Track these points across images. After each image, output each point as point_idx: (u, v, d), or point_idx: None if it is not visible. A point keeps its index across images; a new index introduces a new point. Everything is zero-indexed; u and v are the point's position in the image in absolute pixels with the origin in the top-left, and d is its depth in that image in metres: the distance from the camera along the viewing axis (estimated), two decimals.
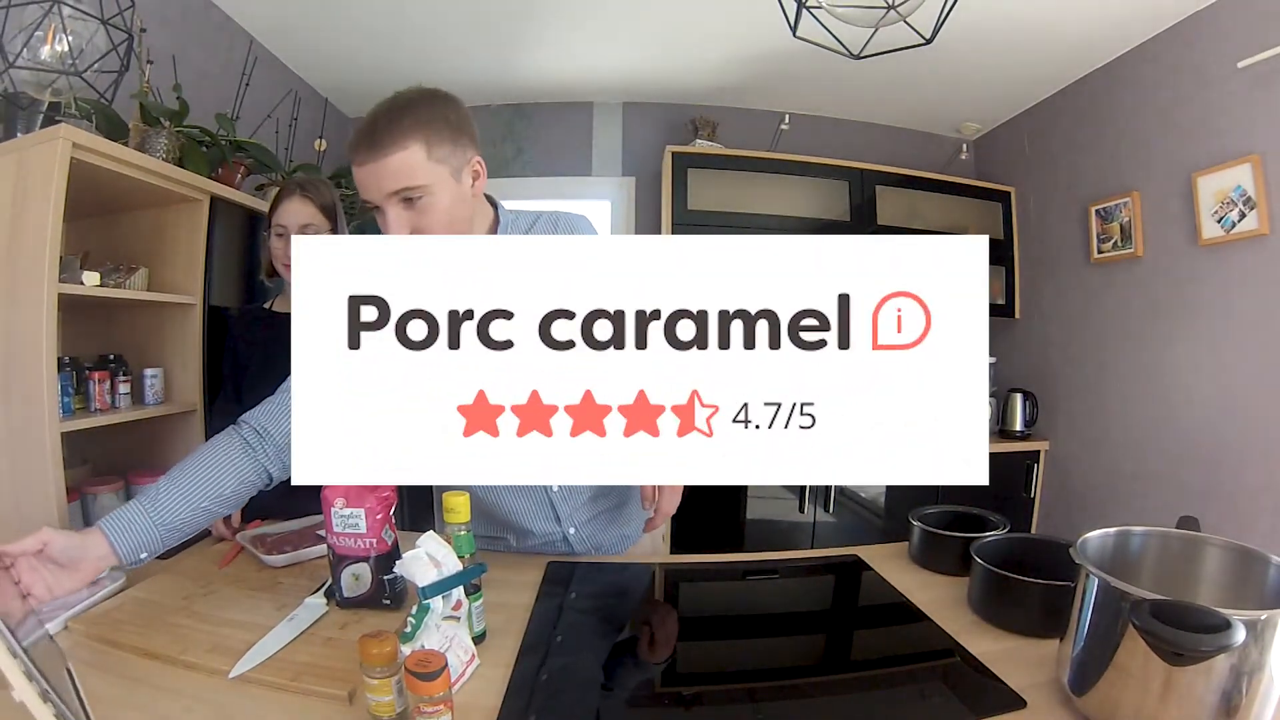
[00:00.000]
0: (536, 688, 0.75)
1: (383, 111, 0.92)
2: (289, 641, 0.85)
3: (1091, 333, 2.82)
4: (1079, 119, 2.86)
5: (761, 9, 1.89)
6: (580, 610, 0.98)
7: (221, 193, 1.68)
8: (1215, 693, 0.58)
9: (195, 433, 1.64)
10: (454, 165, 0.95)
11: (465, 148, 0.97)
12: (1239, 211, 2.12)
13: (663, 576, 1.19)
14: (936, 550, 1.12)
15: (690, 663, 0.90)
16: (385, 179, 0.90)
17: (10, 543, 0.75)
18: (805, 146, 3.16)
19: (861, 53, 1.55)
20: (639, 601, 1.11)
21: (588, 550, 1.19)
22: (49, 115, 1.36)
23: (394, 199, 0.92)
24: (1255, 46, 2.03)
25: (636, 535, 1.27)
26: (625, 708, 0.76)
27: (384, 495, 0.95)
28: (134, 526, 0.83)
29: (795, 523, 2.83)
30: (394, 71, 2.94)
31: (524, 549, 1.20)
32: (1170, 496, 2.39)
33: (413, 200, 0.92)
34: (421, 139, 0.90)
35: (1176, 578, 0.78)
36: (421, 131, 0.91)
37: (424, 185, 0.91)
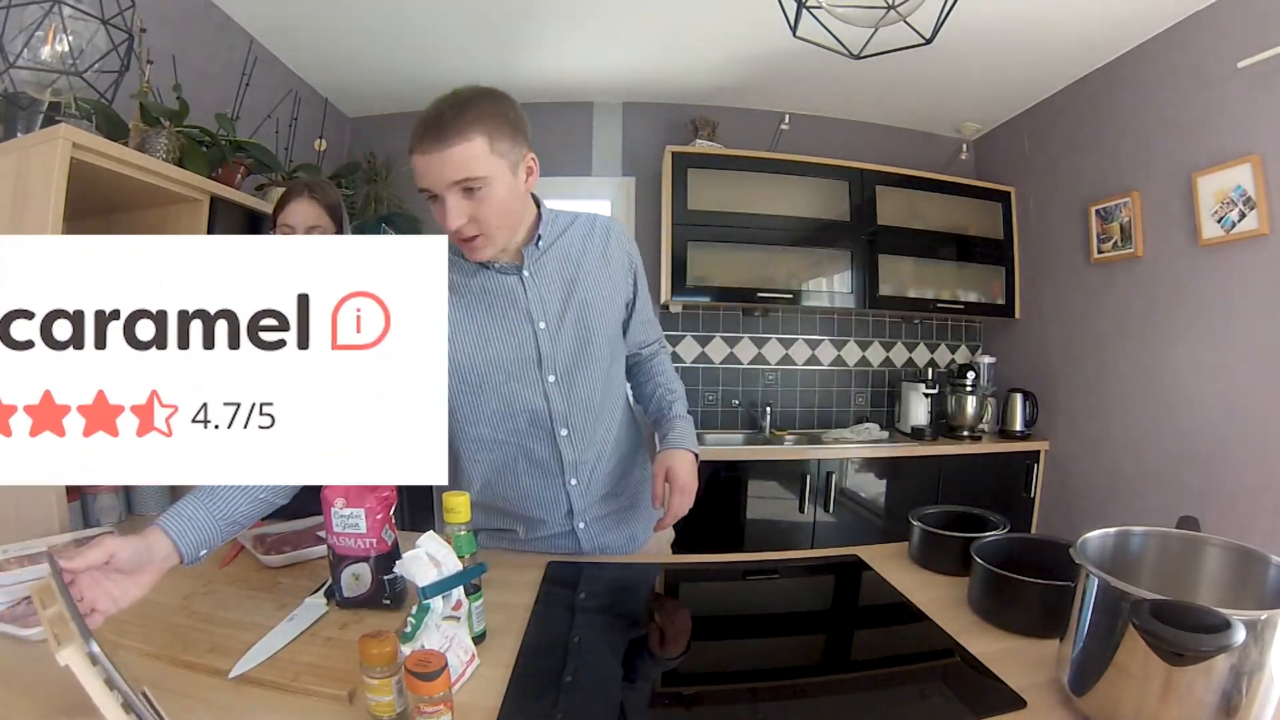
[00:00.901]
0: (562, 688, 0.76)
1: (447, 105, 0.95)
2: (289, 641, 0.85)
3: (1091, 333, 2.82)
4: (1079, 119, 2.86)
5: (761, 9, 1.89)
6: (595, 610, 1.00)
7: (221, 193, 1.68)
8: (1215, 693, 0.58)
9: None
10: (512, 160, 0.99)
11: (522, 144, 1.01)
12: (1239, 211, 2.12)
13: (663, 576, 1.19)
14: (936, 550, 1.12)
15: (690, 662, 0.90)
16: (448, 168, 0.94)
17: (70, 557, 0.71)
18: (805, 146, 3.16)
19: (861, 53, 1.55)
20: (651, 600, 1.11)
21: (594, 549, 1.20)
22: (49, 115, 1.36)
23: (455, 188, 0.95)
24: (1255, 46, 2.03)
25: (644, 537, 1.27)
26: (648, 708, 0.77)
27: (384, 495, 0.95)
28: (196, 524, 0.82)
29: (795, 523, 2.83)
30: (394, 71, 2.94)
31: (530, 541, 1.20)
32: (1170, 496, 2.39)
33: (472, 190, 0.96)
34: (484, 132, 0.94)
35: (1176, 578, 0.78)
36: (484, 125, 0.95)
37: (484, 176, 0.95)
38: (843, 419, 3.42)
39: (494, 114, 0.96)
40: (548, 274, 1.12)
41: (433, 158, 0.94)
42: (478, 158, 0.94)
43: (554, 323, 1.11)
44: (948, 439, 3.12)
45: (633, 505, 1.26)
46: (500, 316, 1.09)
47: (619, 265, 1.19)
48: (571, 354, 1.12)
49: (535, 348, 1.10)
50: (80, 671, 0.56)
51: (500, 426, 1.12)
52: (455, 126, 0.93)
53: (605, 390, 1.17)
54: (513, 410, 1.11)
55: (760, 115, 3.29)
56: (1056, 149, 3.01)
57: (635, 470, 1.28)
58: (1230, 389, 2.20)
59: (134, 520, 1.51)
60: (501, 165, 0.97)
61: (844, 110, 3.38)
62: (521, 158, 1.01)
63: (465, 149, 0.93)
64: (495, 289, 1.10)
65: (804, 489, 2.82)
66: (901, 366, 3.51)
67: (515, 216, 1.05)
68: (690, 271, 2.99)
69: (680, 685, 0.83)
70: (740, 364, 3.36)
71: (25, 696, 0.72)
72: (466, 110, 0.94)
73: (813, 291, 3.19)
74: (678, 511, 1.13)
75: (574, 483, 1.16)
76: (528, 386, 1.10)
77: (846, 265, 3.13)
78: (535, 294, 1.10)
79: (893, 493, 2.92)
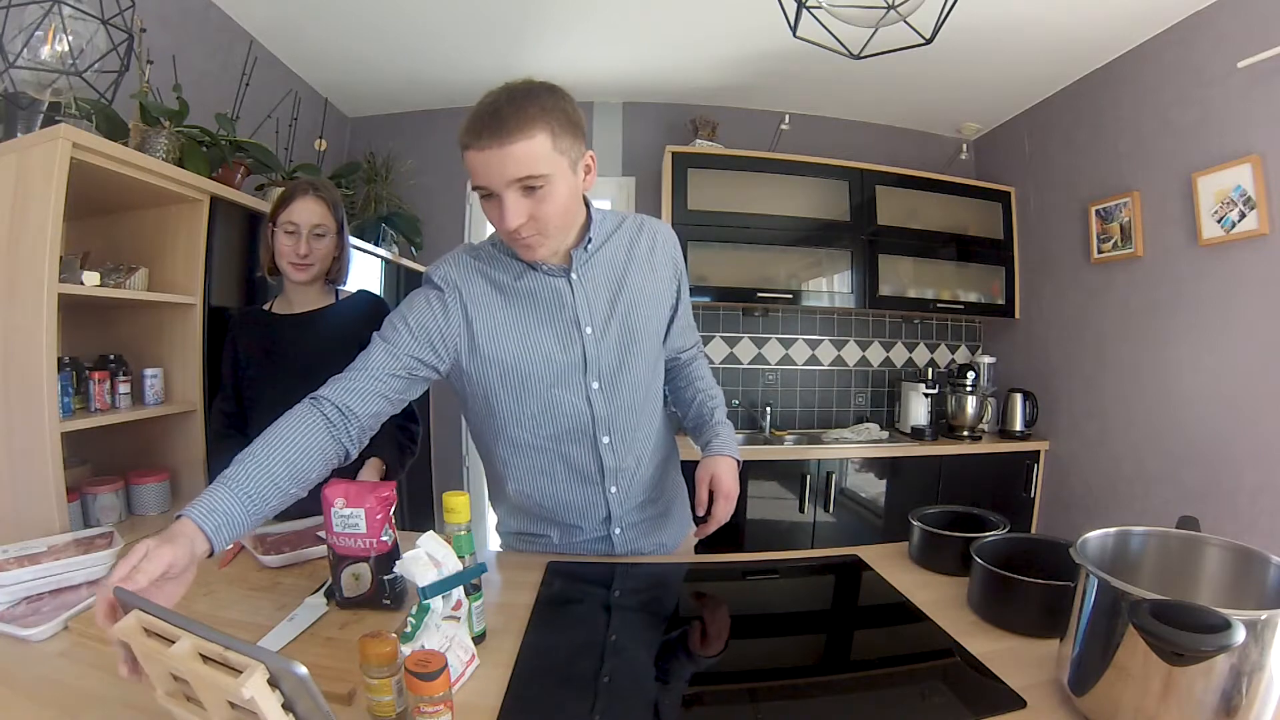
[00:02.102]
0: (599, 690, 0.76)
1: (505, 100, 0.90)
2: (289, 641, 0.85)
3: (1091, 333, 2.82)
4: (1079, 119, 2.86)
5: (761, 9, 1.90)
6: (628, 608, 1.00)
7: (221, 193, 1.68)
8: (1215, 693, 0.58)
9: (195, 433, 1.64)
10: (572, 158, 0.96)
11: (581, 142, 0.97)
12: (1239, 211, 2.12)
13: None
14: (936, 550, 1.12)
15: (690, 663, 0.90)
16: (509, 166, 0.89)
17: (128, 578, 0.65)
18: (805, 146, 3.16)
19: (861, 53, 1.55)
20: (680, 599, 1.11)
21: (626, 552, 1.20)
22: (49, 115, 1.36)
23: (514, 186, 0.91)
24: (1255, 46, 2.04)
25: (673, 544, 1.27)
26: (681, 708, 0.76)
27: (384, 495, 0.95)
28: (232, 521, 0.77)
29: (795, 523, 2.84)
30: (394, 71, 2.94)
31: (565, 545, 1.19)
32: (1170, 496, 2.39)
33: (533, 189, 0.92)
34: (547, 129, 0.90)
35: (1176, 578, 0.78)
36: (546, 121, 0.90)
37: (546, 175, 0.92)
38: (843, 419, 3.42)
39: (555, 109, 0.92)
40: (595, 277, 1.09)
41: (492, 154, 0.89)
42: (540, 155, 0.90)
43: (600, 328, 1.08)
44: (948, 439, 3.12)
45: (666, 512, 1.26)
46: (547, 320, 1.06)
47: (665, 269, 1.17)
48: (616, 360, 1.09)
49: (581, 353, 1.07)
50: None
51: (539, 431, 1.09)
52: (516, 122, 0.88)
53: (646, 396, 1.14)
54: (555, 415, 1.08)
55: (760, 115, 3.29)
56: (1056, 149, 3.01)
57: (670, 476, 1.27)
58: (1230, 389, 2.20)
59: (134, 520, 1.52)
60: (563, 163, 0.94)
61: (844, 110, 3.38)
62: (581, 155, 0.98)
63: (527, 146, 0.89)
64: (542, 291, 1.06)
65: (804, 489, 2.82)
66: (901, 366, 3.51)
67: (573, 216, 1.02)
68: (690, 271, 2.97)
69: (680, 685, 0.83)
70: (740, 364, 3.36)
71: (26, 696, 0.72)
72: (528, 105, 0.89)
73: (813, 291, 3.20)
74: (721, 518, 1.12)
75: (614, 490, 1.14)
76: (571, 392, 1.07)
77: (846, 265, 3.13)
78: (583, 298, 1.07)
79: (893, 493, 2.92)
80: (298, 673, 0.52)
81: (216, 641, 0.55)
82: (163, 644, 0.58)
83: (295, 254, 1.45)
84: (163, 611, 0.60)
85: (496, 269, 1.08)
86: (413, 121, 3.33)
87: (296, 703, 0.54)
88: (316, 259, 1.48)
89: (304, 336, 1.48)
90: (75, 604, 0.92)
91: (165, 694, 0.61)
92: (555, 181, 0.93)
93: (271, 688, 0.53)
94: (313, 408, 0.93)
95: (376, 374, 0.98)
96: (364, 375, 0.98)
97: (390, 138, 3.24)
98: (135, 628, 0.60)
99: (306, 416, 0.92)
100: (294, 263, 1.46)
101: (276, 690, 0.54)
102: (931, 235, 3.21)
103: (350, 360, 0.98)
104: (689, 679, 0.82)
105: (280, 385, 1.47)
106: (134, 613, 0.60)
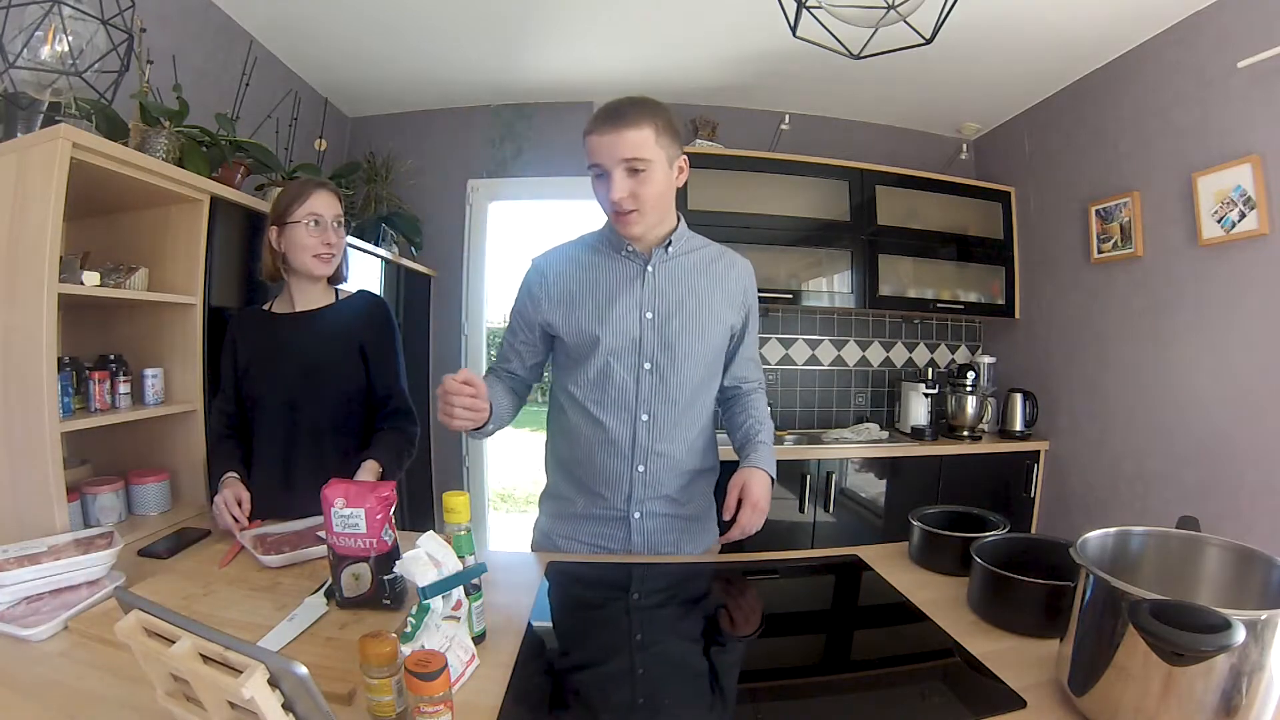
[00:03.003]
0: (599, 690, 0.77)
1: (626, 100, 1.12)
2: (289, 641, 0.85)
3: (1091, 333, 2.82)
4: (1079, 119, 2.86)
5: (761, 9, 1.90)
6: (629, 609, 1.02)
7: (221, 193, 1.67)
8: (1215, 693, 0.58)
9: (195, 433, 1.64)
10: (670, 154, 1.14)
11: (677, 146, 1.16)
12: (1239, 211, 2.12)
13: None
14: (936, 550, 1.12)
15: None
16: (621, 146, 1.09)
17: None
18: (805, 146, 3.16)
19: (861, 53, 1.55)
20: (707, 594, 1.13)
21: (643, 546, 1.23)
22: (49, 115, 1.36)
23: (622, 165, 1.10)
24: (1255, 46, 2.03)
25: (695, 552, 1.29)
26: (682, 707, 0.76)
27: (384, 495, 0.95)
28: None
29: (795, 523, 2.83)
30: (394, 71, 2.94)
31: (585, 517, 1.25)
32: (1170, 496, 2.39)
33: (637, 171, 1.11)
34: (653, 125, 1.11)
35: (1176, 578, 0.78)
36: (654, 118, 1.11)
37: (649, 160, 1.10)
38: (843, 419, 3.42)
39: (661, 113, 1.13)
40: (668, 276, 1.23)
41: (608, 137, 1.09)
42: (646, 142, 1.09)
43: (662, 318, 1.21)
44: (948, 439, 3.11)
45: (691, 519, 1.29)
46: (617, 297, 1.21)
47: (735, 293, 1.29)
48: (669, 350, 1.21)
49: (639, 333, 1.20)
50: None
51: (589, 395, 1.22)
52: (631, 114, 1.09)
53: (693, 399, 1.24)
54: (607, 383, 1.21)
55: (760, 115, 3.29)
56: (1056, 149, 3.01)
57: (701, 487, 1.31)
58: (1230, 389, 2.20)
59: (134, 520, 1.51)
60: (662, 155, 1.12)
61: (844, 110, 3.38)
62: (676, 156, 1.16)
63: (637, 133, 1.09)
64: (620, 273, 1.23)
65: (804, 489, 2.82)
66: (901, 366, 3.51)
67: (665, 204, 1.19)
68: None
69: (680, 685, 0.83)
70: None
71: (26, 696, 0.72)
72: (643, 105, 1.11)
73: (813, 291, 3.19)
74: (747, 526, 1.16)
75: (641, 469, 1.22)
76: (623, 367, 1.20)
77: (846, 265, 3.13)
78: (651, 288, 1.22)
79: (893, 493, 2.92)
80: (298, 673, 0.52)
81: (217, 641, 0.55)
82: (163, 644, 0.58)
83: (322, 244, 1.45)
84: (163, 611, 0.60)
85: (590, 250, 1.26)
86: (413, 121, 3.33)
87: (296, 702, 0.54)
88: (338, 250, 1.49)
89: (304, 336, 1.48)
90: (75, 604, 0.92)
91: (165, 694, 0.61)
92: (655, 168, 1.11)
93: (272, 688, 0.53)
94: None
95: (517, 351, 1.30)
96: (513, 355, 1.31)
97: (390, 138, 3.24)
98: (135, 628, 0.60)
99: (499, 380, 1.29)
100: (319, 255, 1.45)
101: (276, 690, 0.54)
102: (931, 235, 3.21)
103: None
104: (689, 679, 0.82)
105: (280, 385, 1.47)
106: (133, 613, 0.60)
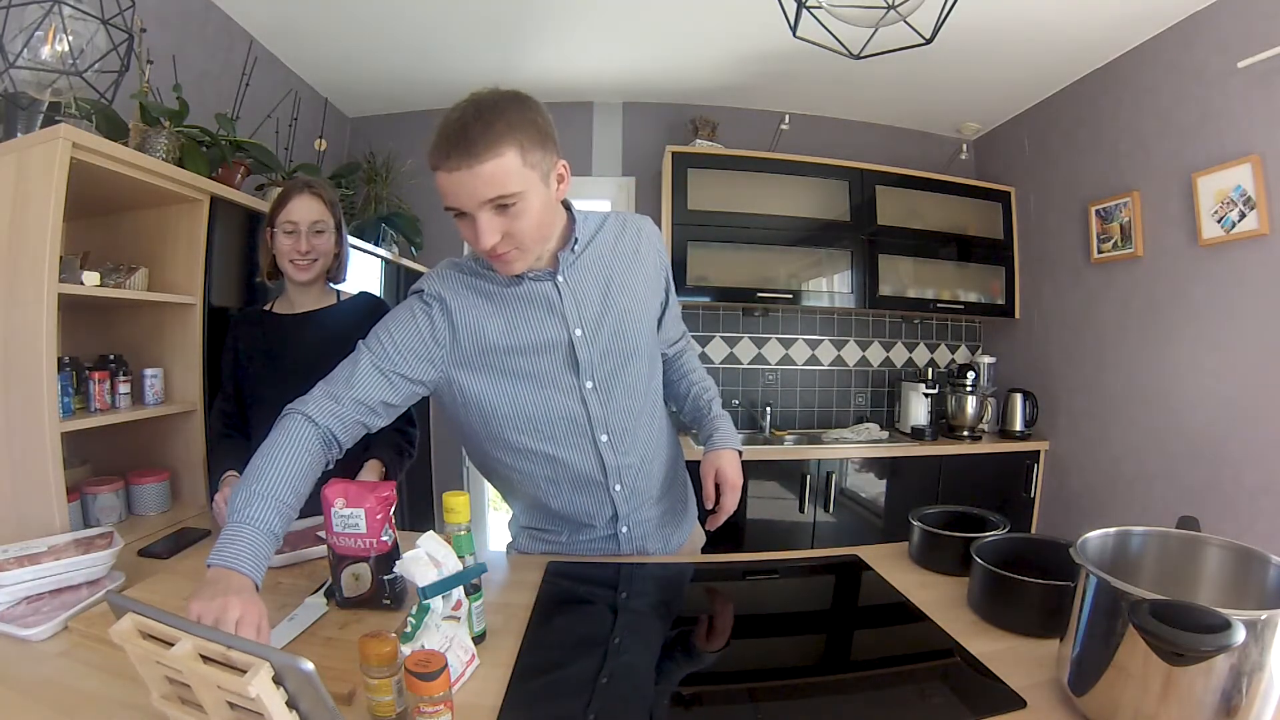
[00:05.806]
0: (599, 690, 0.76)
1: (471, 117, 0.88)
2: (289, 641, 0.85)
3: (1091, 333, 2.82)
4: (1079, 119, 2.86)
5: (761, 9, 1.90)
6: (629, 609, 1.00)
7: (221, 193, 1.67)
8: (1215, 693, 0.58)
9: (195, 433, 1.64)
10: (544, 170, 0.94)
11: (552, 152, 0.96)
12: (1239, 211, 2.12)
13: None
14: (936, 550, 1.12)
15: (690, 663, 0.90)
16: (480, 187, 0.88)
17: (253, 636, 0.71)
18: (805, 146, 3.16)
19: (861, 53, 1.55)
20: (682, 599, 1.12)
21: (633, 550, 1.20)
22: (49, 115, 1.36)
23: (487, 206, 0.90)
24: (1255, 46, 2.03)
25: (680, 542, 1.27)
26: (682, 708, 0.76)
27: (384, 495, 0.95)
28: (268, 561, 0.83)
29: (795, 523, 2.83)
30: (394, 71, 2.94)
31: (572, 544, 1.19)
32: (1170, 496, 2.39)
33: (506, 207, 0.91)
34: (516, 145, 0.88)
35: (1176, 578, 0.78)
36: (515, 137, 0.88)
37: (518, 192, 0.90)
38: (843, 419, 3.42)
39: (523, 123, 0.90)
40: (582, 278, 1.08)
41: (462, 175, 0.87)
42: (511, 173, 0.88)
43: (591, 328, 1.07)
44: (948, 439, 3.12)
45: (673, 509, 1.26)
46: (537, 324, 1.06)
47: (652, 264, 1.17)
48: (609, 359, 1.09)
49: (572, 355, 1.06)
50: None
51: (538, 434, 1.08)
52: (485, 141, 0.86)
53: (644, 393, 1.15)
54: (551, 418, 1.07)
55: (760, 115, 3.29)
56: (1056, 149, 3.01)
57: (676, 474, 1.28)
58: (1230, 389, 2.20)
59: (134, 520, 1.52)
60: (534, 178, 0.92)
61: (844, 110, 3.38)
62: (553, 166, 0.97)
63: (497, 165, 0.87)
64: (530, 296, 1.06)
65: (804, 489, 2.82)
66: (901, 366, 3.51)
67: (549, 228, 1.02)
68: (690, 271, 2.99)
69: (680, 685, 0.83)
70: (740, 364, 3.36)
71: (26, 696, 0.72)
72: (495, 121, 0.87)
73: (813, 291, 3.20)
74: (729, 508, 1.14)
75: (618, 488, 1.13)
76: (564, 393, 1.07)
77: (846, 265, 3.13)
78: (570, 300, 1.07)
79: (893, 493, 2.92)
80: (304, 669, 0.52)
81: (218, 641, 0.55)
82: (160, 646, 0.58)
83: (296, 252, 1.45)
84: (155, 613, 0.60)
85: (483, 279, 1.08)
86: (413, 121, 3.33)
87: (300, 700, 0.54)
88: (319, 254, 1.48)
89: (304, 336, 1.48)
90: (75, 604, 0.92)
91: (160, 697, 0.61)
92: (528, 197, 0.92)
93: (276, 685, 0.53)
94: (309, 428, 0.96)
95: (364, 399, 1.00)
96: (351, 403, 0.99)
97: (390, 138, 3.24)
98: (130, 631, 0.60)
99: (307, 440, 0.95)
100: (295, 261, 1.46)
101: (281, 688, 0.54)
102: (931, 235, 3.21)
103: None
104: (690, 679, 0.82)
105: (280, 385, 1.46)
106: (128, 616, 0.60)
